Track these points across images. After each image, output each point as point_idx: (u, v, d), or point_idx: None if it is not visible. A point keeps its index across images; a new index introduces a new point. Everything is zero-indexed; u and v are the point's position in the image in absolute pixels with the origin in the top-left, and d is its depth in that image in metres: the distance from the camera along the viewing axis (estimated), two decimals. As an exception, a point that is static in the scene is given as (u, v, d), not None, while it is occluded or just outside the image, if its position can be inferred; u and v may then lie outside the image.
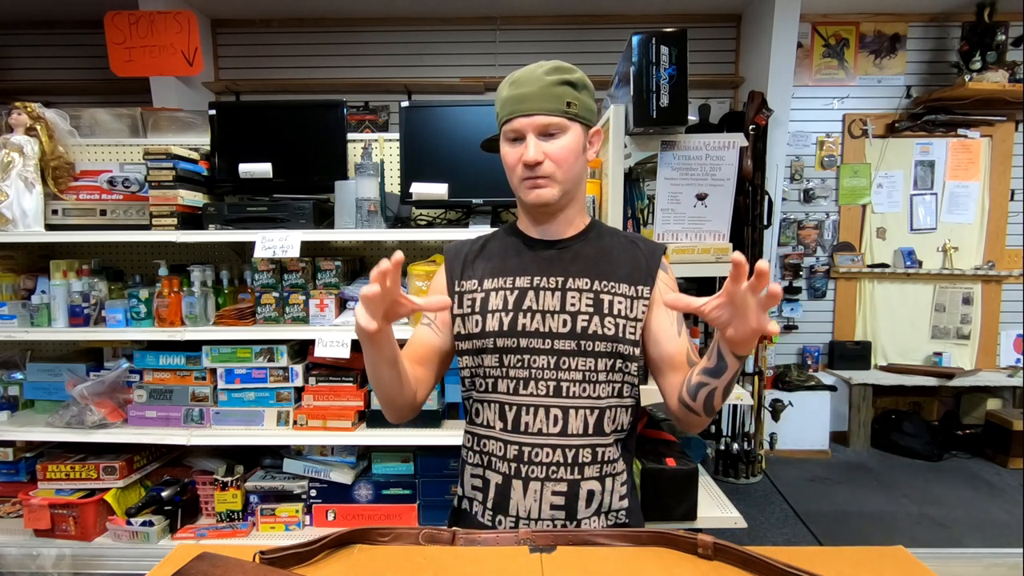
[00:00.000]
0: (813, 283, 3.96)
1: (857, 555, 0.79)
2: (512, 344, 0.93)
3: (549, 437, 0.92)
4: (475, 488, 0.98)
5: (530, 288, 0.94)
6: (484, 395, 0.97)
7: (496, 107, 0.94)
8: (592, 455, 0.92)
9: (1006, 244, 3.88)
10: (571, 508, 0.92)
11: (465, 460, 1.01)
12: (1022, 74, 3.57)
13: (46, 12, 3.77)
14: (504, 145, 0.94)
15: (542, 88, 0.88)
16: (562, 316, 0.93)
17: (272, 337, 1.86)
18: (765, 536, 2.67)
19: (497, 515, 0.94)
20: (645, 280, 0.96)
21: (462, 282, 0.99)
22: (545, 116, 0.89)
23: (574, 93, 0.91)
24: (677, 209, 1.83)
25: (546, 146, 0.90)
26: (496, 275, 0.97)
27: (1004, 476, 3.35)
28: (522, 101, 0.89)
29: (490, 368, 0.95)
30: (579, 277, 0.95)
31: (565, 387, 0.92)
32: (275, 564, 0.74)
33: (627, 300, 0.94)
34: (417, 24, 3.83)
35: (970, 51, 3.51)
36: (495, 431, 0.95)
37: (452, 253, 1.05)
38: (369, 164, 1.84)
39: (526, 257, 0.98)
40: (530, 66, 0.92)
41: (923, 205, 3.88)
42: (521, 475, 0.92)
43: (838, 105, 3.86)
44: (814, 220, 3.93)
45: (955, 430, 3.71)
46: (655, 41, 1.63)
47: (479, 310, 0.96)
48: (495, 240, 1.04)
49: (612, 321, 0.93)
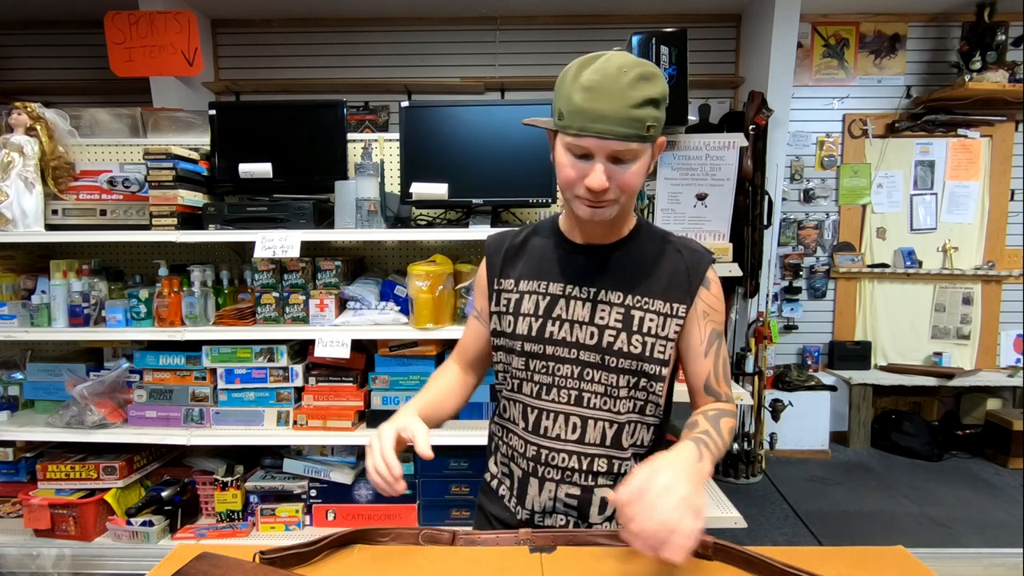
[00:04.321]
0: (813, 283, 3.96)
1: (857, 555, 0.79)
2: (539, 350, 0.93)
3: (567, 443, 0.92)
4: (504, 474, 1.01)
5: (561, 296, 0.93)
6: (511, 394, 0.98)
7: (559, 102, 0.81)
8: (608, 465, 0.92)
9: (1006, 244, 3.88)
10: (583, 512, 0.94)
11: (496, 446, 1.05)
12: (1022, 74, 3.57)
13: (46, 12, 3.77)
14: (564, 154, 0.83)
15: (624, 108, 0.76)
16: (590, 328, 0.91)
17: (272, 337, 1.86)
18: (765, 536, 2.67)
19: (518, 504, 0.97)
20: (683, 297, 0.91)
21: (501, 280, 0.99)
22: (622, 143, 0.78)
23: (655, 114, 0.79)
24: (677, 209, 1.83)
25: (615, 171, 0.81)
26: (532, 277, 0.96)
27: (1004, 476, 3.35)
28: (598, 119, 0.77)
29: (517, 369, 0.96)
30: (613, 290, 0.91)
31: (586, 398, 0.92)
32: (275, 564, 0.74)
33: (660, 318, 0.91)
34: (417, 24, 3.83)
35: (970, 51, 3.51)
36: (518, 429, 0.96)
37: (494, 247, 1.02)
38: (369, 164, 1.84)
39: (563, 262, 0.95)
40: (609, 66, 0.77)
41: (923, 205, 3.88)
42: (538, 475, 0.94)
43: (838, 105, 3.86)
44: (814, 220, 3.93)
45: (955, 430, 3.71)
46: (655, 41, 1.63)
47: (512, 311, 0.96)
48: (537, 237, 1.00)
49: (640, 339, 0.90)
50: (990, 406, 3.74)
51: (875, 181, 3.87)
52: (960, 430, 3.71)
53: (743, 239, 3.25)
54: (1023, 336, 3.89)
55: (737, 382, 2.57)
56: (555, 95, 0.84)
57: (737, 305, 3.52)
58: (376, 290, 1.94)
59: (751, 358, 3.33)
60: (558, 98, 0.82)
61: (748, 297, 3.49)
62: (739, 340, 3.50)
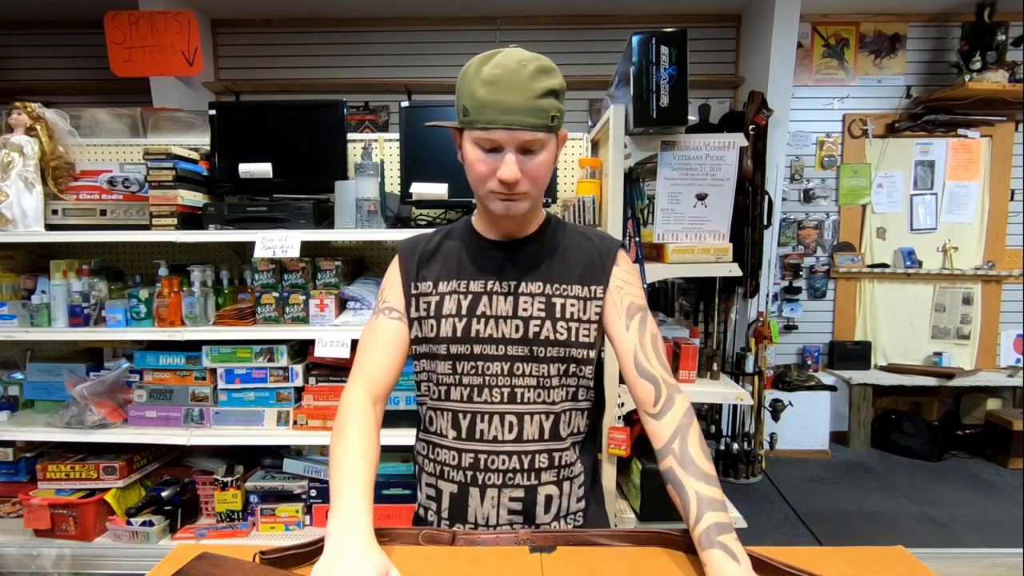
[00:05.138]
0: (813, 283, 3.96)
1: (857, 555, 0.79)
2: (465, 351, 0.91)
3: (505, 444, 0.91)
4: (429, 498, 0.98)
5: (484, 293, 0.92)
6: (437, 403, 0.95)
7: (463, 99, 0.82)
8: (548, 460, 0.92)
9: (1006, 244, 3.88)
10: (529, 513, 0.92)
11: (421, 468, 1.00)
12: (1022, 74, 3.57)
13: (46, 12, 3.77)
14: (472, 149, 0.84)
15: (528, 100, 0.79)
16: (514, 322, 0.91)
17: (272, 337, 1.86)
18: (765, 536, 2.67)
19: (454, 524, 0.94)
20: (598, 279, 0.93)
21: (417, 284, 0.96)
22: (530, 132, 0.81)
23: (557, 105, 0.83)
24: (677, 209, 1.83)
25: (524, 163, 0.83)
26: (450, 278, 0.95)
27: (1004, 476, 3.34)
28: (505, 112, 0.79)
29: (443, 375, 0.93)
30: (532, 281, 0.92)
31: (519, 393, 0.91)
32: (275, 564, 0.74)
33: (580, 302, 0.92)
34: (417, 24, 3.83)
35: (970, 51, 3.51)
36: (448, 440, 0.93)
37: (408, 251, 0.99)
38: (369, 164, 1.84)
39: (480, 259, 0.95)
40: (508, 61, 0.80)
41: (923, 205, 3.88)
42: (478, 483, 0.91)
43: (838, 105, 3.86)
44: (814, 220, 3.93)
45: (955, 430, 3.71)
46: (655, 41, 1.63)
47: (433, 314, 0.93)
48: (451, 239, 0.99)
49: (564, 325, 0.91)
50: (990, 406, 3.74)
51: (875, 181, 3.87)
52: (960, 430, 3.70)
53: (743, 239, 3.25)
54: (1023, 336, 3.89)
55: (737, 382, 2.57)
56: (458, 93, 0.85)
57: (737, 305, 3.52)
58: (376, 290, 1.94)
59: (751, 358, 3.33)
60: (461, 96, 0.83)
61: (748, 297, 3.49)
62: (739, 340, 3.50)
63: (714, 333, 3.37)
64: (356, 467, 0.78)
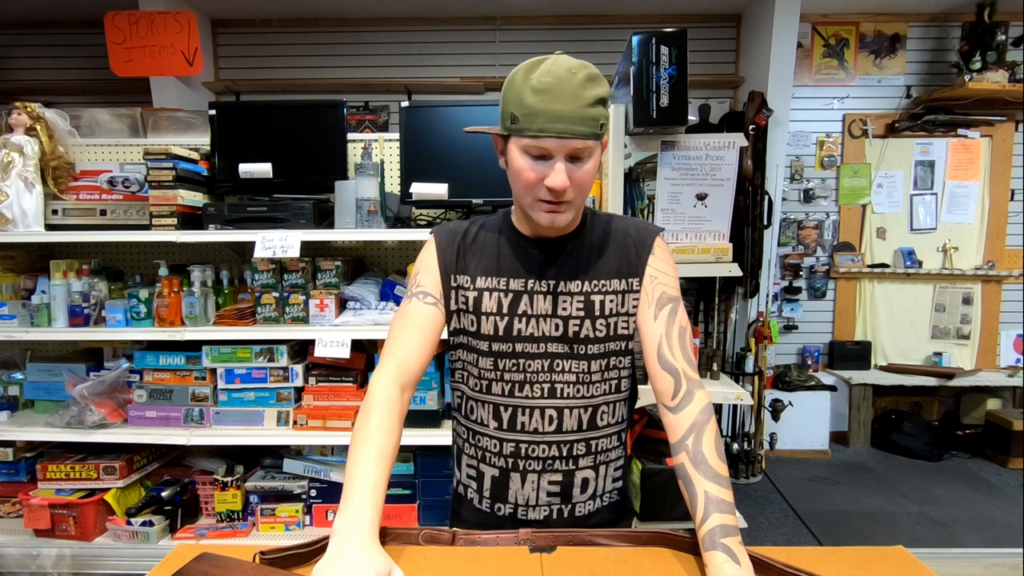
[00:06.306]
0: (813, 283, 3.96)
1: (857, 555, 0.79)
2: (507, 349, 0.93)
3: (545, 435, 0.93)
4: (470, 477, 1.01)
5: (524, 292, 0.93)
6: (478, 395, 0.97)
7: (510, 106, 0.82)
8: (587, 447, 0.95)
9: (1006, 244, 3.87)
10: (567, 494, 0.96)
11: (461, 448, 1.03)
12: (1022, 74, 3.57)
13: (46, 12, 3.77)
14: (520, 157, 0.84)
15: (579, 108, 0.79)
16: (554, 320, 0.92)
17: (272, 337, 1.86)
18: (765, 536, 2.67)
19: (496, 503, 0.97)
20: (635, 271, 0.94)
21: (456, 276, 0.96)
22: (581, 141, 0.81)
23: (605, 113, 0.84)
24: (677, 209, 1.83)
25: (572, 170, 0.83)
26: (489, 274, 0.95)
27: (1004, 476, 3.34)
28: (556, 120, 0.79)
29: (485, 370, 0.95)
30: (570, 280, 0.93)
31: (559, 388, 0.93)
32: (275, 564, 0.74)
33: (618, 296, 0.94)
34: (417, 24, 3.83)
35: (970, 51, 3.51)
36: (489, 430, 0.96)
37: (445, 239, 0.99)
38: (369, 164, 1.84)
39: (520, 257, 0.95)
40: (557, 68, 0.79)
41: (923, 205, 3.88)
42: (519, 468, 0.94)
43: (838, 105, 3.86)
44: (814, 220, 3.93)
45: (955, 430, 3.71)
46: (655, 41, 1.63)
47: (472, 310, 0.95)
48: (487, 232, 0.99)
49: (603, 322, 0.92)
50: (990, 406, 3.74)
51: (875, 181, 3.87)
52: (960, 430, 3.70)
53: (743, 239, 3.24)
54: (1023, 336, 3.89)
55: (737, 382, 2.57)
56: (503, 100, 0.84)
57: (737, 305, 3.52)
58: (376, 290, 1.94)
59: (751, 358, 3.33)
60: (508, 103, 0.83)
61: (748, 297, 3.48)
62: (739, 340, 3.50)
63: (714, 333, 3.37)
64: (371, 464, 0.78)
